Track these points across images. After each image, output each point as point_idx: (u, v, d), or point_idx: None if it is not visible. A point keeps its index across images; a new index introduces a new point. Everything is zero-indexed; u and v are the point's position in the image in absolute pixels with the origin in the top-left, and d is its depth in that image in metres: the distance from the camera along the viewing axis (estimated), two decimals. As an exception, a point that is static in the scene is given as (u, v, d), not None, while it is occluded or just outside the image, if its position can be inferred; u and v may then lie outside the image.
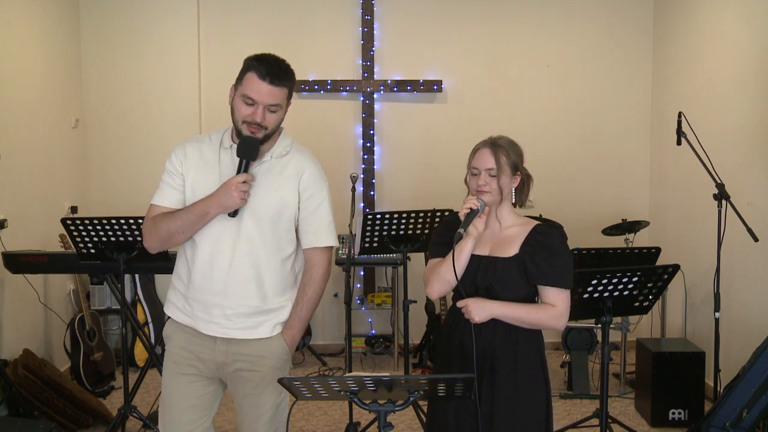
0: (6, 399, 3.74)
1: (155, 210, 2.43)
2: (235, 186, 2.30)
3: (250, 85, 2.33)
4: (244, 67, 2.39)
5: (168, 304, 2.53)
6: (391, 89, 5.50)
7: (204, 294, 2.39)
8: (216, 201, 2.32)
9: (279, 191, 2.40)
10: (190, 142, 2.50)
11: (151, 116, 5.44)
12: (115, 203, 5.33)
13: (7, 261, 3.83)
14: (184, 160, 2.44)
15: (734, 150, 4.36)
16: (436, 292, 2.44)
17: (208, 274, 2.38)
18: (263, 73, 2.32)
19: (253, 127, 2.33)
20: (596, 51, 5.62)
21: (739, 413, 3.48)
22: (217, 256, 2.37)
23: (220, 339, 2.40)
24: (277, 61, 2.40)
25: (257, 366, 2.41)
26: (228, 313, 2.38)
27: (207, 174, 2.41)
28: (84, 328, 4.60)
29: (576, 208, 5.54)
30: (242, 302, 2.38)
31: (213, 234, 2.37)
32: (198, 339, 2.43)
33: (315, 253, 2.48)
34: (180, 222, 2.35)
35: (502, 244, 2.41)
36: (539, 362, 2.43)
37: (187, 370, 2.44)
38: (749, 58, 4.26)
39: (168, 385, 2.47)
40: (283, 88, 2.36)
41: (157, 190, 2.47)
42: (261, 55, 2.40)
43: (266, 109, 2.33)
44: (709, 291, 4.17)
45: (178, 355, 2.46)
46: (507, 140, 2.44)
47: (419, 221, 3.80)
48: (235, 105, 2.37)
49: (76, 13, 5.32)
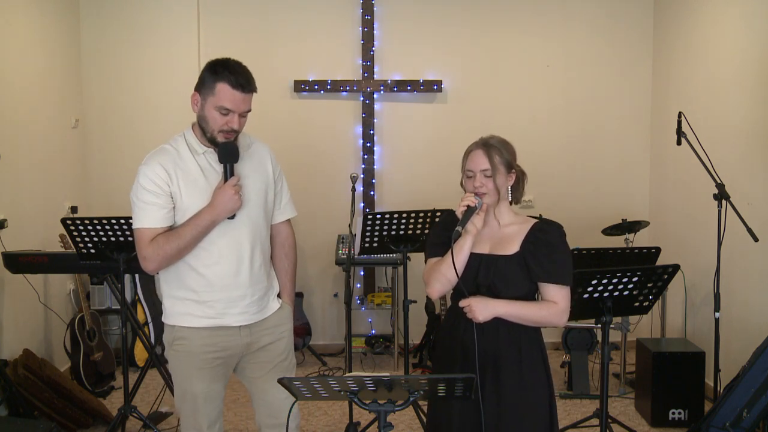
0: (6, 399, 3.74)
1: (148, 233, 2.45)
2: (233, 190, 2.44)
3: (223, 96, 2.41)
4: (211, 76, 2.43)
5: (176, 316, 2.58)
6: (391, 89, 5.50)
7: (229, 291, 2.54)
8: (221, 208, 2.44)
9: (262, 175, 2.63)
10: (159, 157, 2.49)
11: (151, 116, 5.45)
12: (115, 203, 5.32)
13: (7, 261, 3.83)
14: (168, 179, 2.46)
15: (734, 150, 4.36)
16: (437, 291, 2.43)
17: (232, 274, 2.53)
18: (235, 83, 2.41)
19: (229, 134, 2.45)
20: (596, 51, 5.62)
21: (739, 413, 3.48)
22: (236, 254, 2.53)
23: (245, 325, 2.59)
24: (241, 67, 2.47)
25: (277, 335, 2.69)
26: (254, 299, 2.59)
27: (195, 184, 2.49)
28: (84, 328, 4.60)
29: (576, 208, 5.54)
30: (260, 286, 2.62)
31: (223, 236, 2.50)
32: (221, 331, 2.56)
33: (285, 225, 2.78)
34: (189, 237, 2.43)
35: (503, 242, 2.41)
36: (542, 361, 2.43)
37: (214, 362, 2.57)
38: (749, 58, 4.26)
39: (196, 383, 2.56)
40: (252, 93, 2.48)
41: (139, 213, 2.47)
42: (226, 63, 2.45)
43: (240, 116, 2.46)
44: (709, 291, 4.17)
45: (203, 353, 2.55)
46: (498, 139, 2.45)
47: (419, 221, 3.80)
48: (207, 115, 2.45)
49: (76, 13, 5.32)
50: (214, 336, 2.55)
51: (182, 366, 2.59)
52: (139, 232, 2.47)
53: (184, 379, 2.59)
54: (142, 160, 2.52)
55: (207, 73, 2.45)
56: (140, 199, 2.47)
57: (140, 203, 2.47)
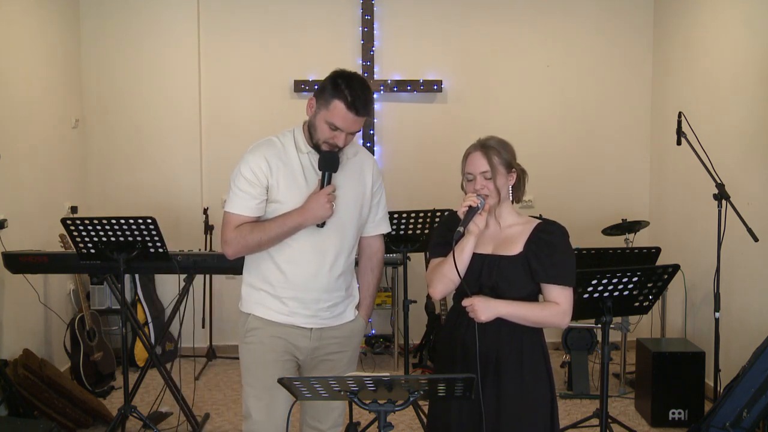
0: (6, 399, 3.74)
1: (236, 219, 2.50)
2: (326, 198, 2.45)
3: (336, 114, 2.40)
4: (331, 90, 2.42)
5: (252, 305, 2.61)
6: (391, 89, 5.50)
7: (306, 292, 2.55)
8: (311, 215, 2.46)
9: (360, 187, 2.63)
10: (265, 149, 2.52)
11: (151, 116, 5.45)
12: (115, 203, 5.34)
13: (7, 261, 3.83)
14: (269, 171, 2.49)
15: (734, 150, 4.36)
16: (440, 292, 2.43)
17: (310, 276, 2.54)
18: (350, 104, 2.39)
19: (334, 147, 2.47)
20: (596, 51, 5.62)
21: (739, 413, 3.48)
22: (318, 258, 2.54)
23: (315, 330, 2.60)
24: (363, 87, 2.43)
25: (346, 346, 2.68)
26: (328, 305, 2.59)
27: (295, 182, 2.51)
28: (84, 328, 4.60)
29: (576, 208, 5.54)
30: (337, 294, 2.61)
31: (310, 239, 2.52)
32: (292, 329, 2.58)
33: (378, 239, 2.78)
34: (273, 233, 2.47)
35: (505, 243, 2.41)
36: (543, 362, 2.43)
37: (285, 356, 2.58)
38: (749, 58, 4.26)
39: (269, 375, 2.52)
40: (366, 117, 2.46)
41: (233, 197, 2.51)
42: (347, 79, 2.42)
43: (348, 134, 2.45)
44: (709, 291, 4.17)
45: (276, 344, 2.57)
46: (496, 140, 2.44)
47: (419, 221, 3.80)
48: (317, 124, 2.46)
49: (76, 13, 5.32)
50: (284, 332, 2.57)
51: (254, 357, 2.59)
52: (228, 216, 2.52)
53: (257, 370, 2.58)
54: (248, 148, 2.55)
55: (328, 84, 2.44)
56: (236, 185, 2.50)
57: (236, 188, 2.51)
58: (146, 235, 3.45)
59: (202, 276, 5.26)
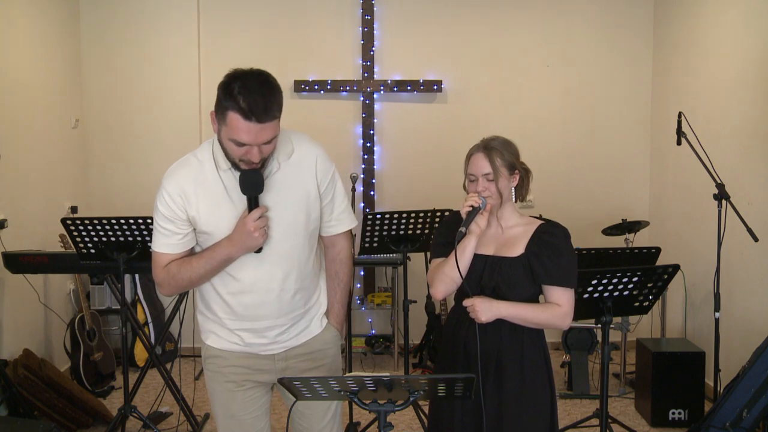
0: (6, 399, 3.74)
1: (162, 258, 2.25)
2: (253, 227, 2.13)
3: (236, 129, 2.02)
4: (224, 98, 2.03)
5: (207, 334, 2.40)
6: (391, 89, 5.50)
7: (255, 322, 2.30)
8: (239, 245, 2.17)
9: (301, 195, 2.26)
10: (180, 175, 2.21)
11: (151, 116, 5.45)
12: (115, 203, 5.34)
13: (7, 261, 3.83)
14: (186, 202, 2.19)
15: (734, 150, 4.35)
16: (441, 292, 2.43)
17: (257, 305, 2.28)
18: (246, 112, 1.99)
19: (252, 164, 2.10)
20: (596, 51, 5.61)
21: (739, 413, 3.48)
22: (263, 285, 2.26)
23: (279, 355, 2.36)
24: (257, 86, 2.02)
25: (318, 362, 2.42)
26: (284, 329, 2.33)
27: (218, 207, 2.21)
28: (84, 328, 4.60)
29: (576, 208, 5.54)
30: (294, 314, 2.34)
31: (250, 266, 2.24)
32: (252, 357, 2.35)
33: (339, 238, 2.43)
34: (202, 270, 2.22)
35: (507, 244, 2.41)
36: (543, 362, 2.43)
37: (246, 384, 2.37)
38: (749, 58, 4.26)
39: (229, 405, 2.38)
40: (273, 120, 2.05)
41: (155, 234, 2.26)
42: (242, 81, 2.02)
43: (261, 146, 2.07)
44: (709, 291, 4.17)
45: (233, 374, 2.36)
46: (500, 140, 2.43)
47: (419, 221, 3.80)
48: (223, 143, 2.11)
49: (76, 13, 5.32)
50: (243, 361, 2.35)
51: (215, 385, 2.39)
52: (154, 255, 2.27)
53: (219, 398, 2.40)
54: (166, 171, 2.24)
55: (220, 92, 2.05)
56: (156, 221, 2.24)
57: (156, 225, 2.25)
58: (146, 235, 3.45)
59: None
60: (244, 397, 2.37)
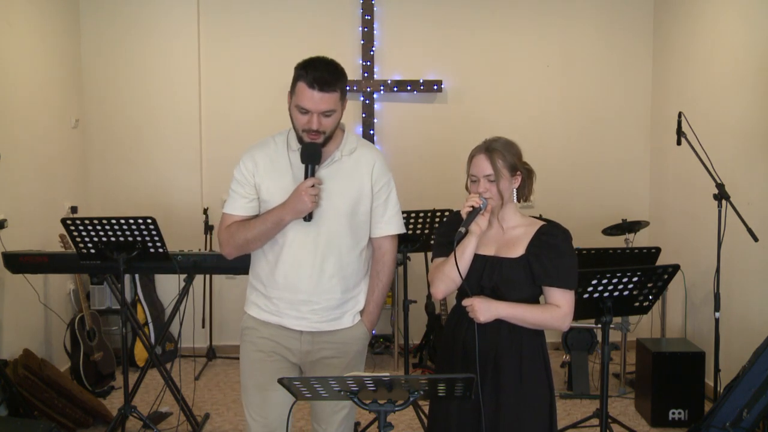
0: (6, 399, 3.74)
1: (228, 219, 2.53)
2: (305, 191, 2.38)
3: (301, 95, 2.39)
4: (296, 76, 2.45)
5: (249, 303, 2.62)
6: (391, 89, 5.50)
7: (292, 293, 2.50)
8: (290, 208, 2.41)
9: (354, 185, 2.50)
10: (257, 148, 2.55)
11: (151, 116, 5.44)
12: (115, 203, 5.34)
13: (7, 261, 3.83)
14: (255, 169, 2.50)
15: (734, 150, 4.35)
16: (441, 292, 2.43)
17: (295, 275, 2.48)
18: (311, 82, 2.37)
19: (312, 134, 2.40)
20: (596, 51, 5.61)
21: (739, 413, 3.48)
22: (304, 257, 2.47)
23: (306, 332, 2.53)
24: (324, 65, 2.45)
25: (341, 352, 2.56)
26: (316, 308, 2.51)
27: (280, 179, 2.49)
28: (84, 328, 4.60)
29: (576, 208, 5.54)
30: (328, 297, 2.51)
31: (297, 237, 2.47)
32: (284, 331, 2.54)
33: (386, 240, 2.60)
34: (256, 231, 2.46)
35: (508, 245, 2.41)
36: (542, 362, 2.43)
37: (274, 356, 2.55)
38: (749, 58, 4.26)
39: (257, 375, 2.56)
40: (333, 93, 2.42)
41: (228, 198, 2.55)
42: (308, 62, 2.45)
43: (321, 116, 2.39)
44: (709, 291, 4.17)
45: (264, 345, 2.55)
46: (502, 142, 2.43)
47: (419, 221, 3.80)
48: (292, 114, 2.45)
49: (76, 13, 5.32)
50: (274, 333, 2.54)
51: (245, 356, 2.59)
52: (222, 216, 2.55)
53: (249, 368, 2.58)
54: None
55: (294, 73, 2.46)
56: (231, 186, 2.54)
57: (230, 190, 2.55)
58: (146, 235, 3.45)
59: (202, 276, 5.26)
60: (272, 368, 2.53)
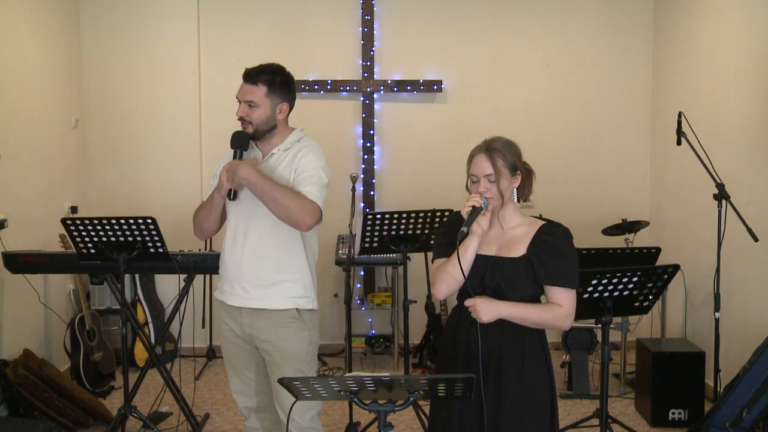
0: (6, 399, 3.74)
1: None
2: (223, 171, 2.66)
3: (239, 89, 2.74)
4: None
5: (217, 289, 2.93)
6: (391, 89, 5.50)
7: (229, 270, 2.77)
8: (216, 186, 2.72)
9: (284, 178, 2.69)
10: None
11: (151, 116, 5.45)
12: (115, 203, 5.34)
13: (7, 261, 3.83)
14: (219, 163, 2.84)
15: (734, 150, 4.36)
16: (443, 292, 2.43)
17: (231, 253, 2.76)
18: (244, 75, 2.72)
19: (243, 123, 2.73)
20: (596, 51, 5.62)
21: (739, 413, 3.48)
22: (237, 236, 2.74)
23: (244, 310, 2.74)
24: (263, 65, 2.73)
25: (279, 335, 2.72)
26: (248, 284, 2.72)
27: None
28: (84, 328, 4.60)
29: (576, 209, 5.54)
30: (260, 276, 2.71)
31: (234, 218, 2.76)
32: (230, 312, 2.80)
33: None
34: (202, 209, 2.81)
35: (509, 245, 2.41)
36: (544, 361, 2.43)
37: (231, 336, 2.82)
38: (750, 58, 4.26)
39: (227, 353, 2.89)
40: (255, 86, 2.69)
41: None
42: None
43: (245, 105, 2.70)
44: (709, 291, 4.17)
45: (224, 323, 2.85)
46: (502, 141, 2.43)
47: (419, 221, 3.80)
48: None
49: (76, 13, 5.32)
50: (227, 313, 2.82)
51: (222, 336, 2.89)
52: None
53: (223, 348, 2.90)
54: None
55: None
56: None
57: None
58: (146, 235, 3.45)
59: (202, 276, 5.26)
60: (233, 344, 2.82)
